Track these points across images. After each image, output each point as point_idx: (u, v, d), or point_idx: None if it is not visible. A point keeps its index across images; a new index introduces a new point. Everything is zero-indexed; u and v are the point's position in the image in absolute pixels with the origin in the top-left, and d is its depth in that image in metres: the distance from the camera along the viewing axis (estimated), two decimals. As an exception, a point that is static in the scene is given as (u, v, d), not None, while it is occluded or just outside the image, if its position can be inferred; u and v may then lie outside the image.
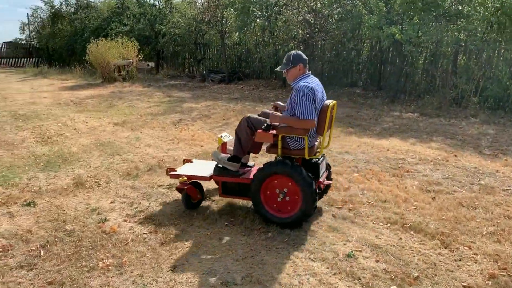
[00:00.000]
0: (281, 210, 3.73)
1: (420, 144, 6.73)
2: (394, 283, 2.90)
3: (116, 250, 3.35)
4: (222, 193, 4.06)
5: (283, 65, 3.78)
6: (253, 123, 3.88)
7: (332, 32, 13.01)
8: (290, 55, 3.76)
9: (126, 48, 15.21)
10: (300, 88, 3.55)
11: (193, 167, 4.40)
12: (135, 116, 8.85)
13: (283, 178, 3.65)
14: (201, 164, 4.51)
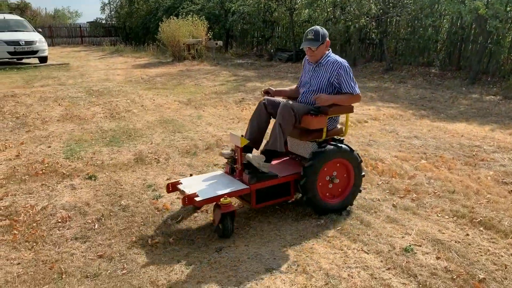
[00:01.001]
0: (335, 195, 3.54)
1: (500, 130, 6.10)
2: (456, 284, 2.61)
3: (166, 228, 3.37)
4: (256, 203, 3.42)
5: (313, 42, 3.43)
6: (294, 110, 3.37)
7: (408, 7, 12.17)
8: (317, 31, 3.45)
9: (196, 27, 15.38)
10: (345, 64, 3.50)
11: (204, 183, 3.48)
12: (200, 95, 8.94)
13: (333, 162, 3.46)
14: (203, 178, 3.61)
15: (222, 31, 19.20)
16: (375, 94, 9.06)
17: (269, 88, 3.80)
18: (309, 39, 3.46)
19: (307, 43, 3.46)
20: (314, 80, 3.56)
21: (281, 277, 2.71)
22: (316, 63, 3.54)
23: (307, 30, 3.50)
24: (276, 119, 3.35)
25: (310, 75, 3.60)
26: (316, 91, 3.53)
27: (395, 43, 13.35)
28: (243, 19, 18.03)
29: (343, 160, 3.49)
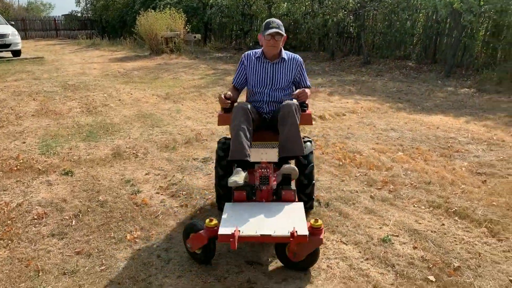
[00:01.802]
0: None
1: (474, 122, 6.25)
2: (432, 273, 2.68)
3: (145, 222, 3.34)
4: None
5: (280, 32, 3.14)
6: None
7: (385, 1, 12.29)
8: (280, 23, 3.20)
9: (174, 20, 15.20)
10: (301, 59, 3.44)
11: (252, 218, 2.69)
12: (179, 89, 8.86)
13: None
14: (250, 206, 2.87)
15: (200, 24, 19.04)
16: (353, 87, 9.15)
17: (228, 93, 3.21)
18: (276, 27, 3.13)
19: (275, 30, 3.11)
20: (279, 76, 3.29)
21: (262, 270, 2.72)
22: (277, 59, 3.29)
23: (267, 20, 3.20)
24: (290, 121, 2.95)
25: (271, 72, 3.27)
26: (285, 88, 3.32)
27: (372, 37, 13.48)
28: (222, 12, 17.91)
29: None
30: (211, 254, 2.74)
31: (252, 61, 3.32)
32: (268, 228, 2.52)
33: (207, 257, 2.74)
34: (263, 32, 3.18)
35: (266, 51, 3.27)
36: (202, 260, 2.76)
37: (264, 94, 3.30)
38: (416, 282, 2.59)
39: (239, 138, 2.90)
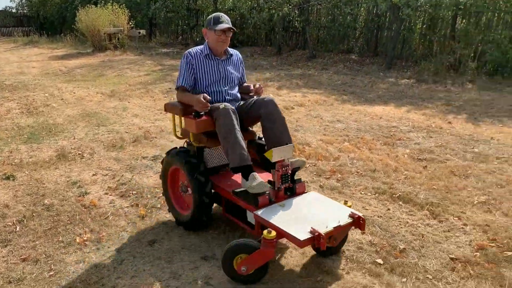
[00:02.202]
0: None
1: (414, 111, 6.57)
2: (380, 256, 2.81)
3: (95, 224, 3.25)
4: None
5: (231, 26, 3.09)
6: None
7: (328, -4, 12.60)
8: (228, 18, 3.12)
9: (117, 16, 14.76)
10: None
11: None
12: (124, 86, 8.63)
13: None
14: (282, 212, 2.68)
15: (144, 19, 18.60)
16: (300, 81, 9.31)
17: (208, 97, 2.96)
18: (227, 22, 3.04)
19: (228, 25, 3.01)
20: (231, 73, 3.19)
21: (217, 264, 2.74)
22: (224, 55, 3.17)
23: (215, 15, 3.06)
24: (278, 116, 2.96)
25: (223, 70, 3.14)
26: (236, 85, 3.26)
27: (317, 31, 13.77)
28: (167, 7, 17.59)
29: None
30: (266, 271, 2.54)
31: (200, 60, 3.07)
32: (330, 221, 2.49)
33: (260, 274, 2.52)
34: (211, 26, 3.02)
35: (215, 47, 3.09)
36: (252, 280, 2.52)
37: (223, 93, 3.13)
38: (365, 266, 2.71)
39: (240, 143, 2.76)
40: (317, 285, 2.53)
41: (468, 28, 9.80)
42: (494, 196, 3.64)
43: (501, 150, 4.75)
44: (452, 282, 2.57)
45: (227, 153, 2.80)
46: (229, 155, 2.78)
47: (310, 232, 2.37)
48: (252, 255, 2.40)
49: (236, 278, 2.51)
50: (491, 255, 2.82)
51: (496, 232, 3.08)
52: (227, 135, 2.77)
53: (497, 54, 8.91)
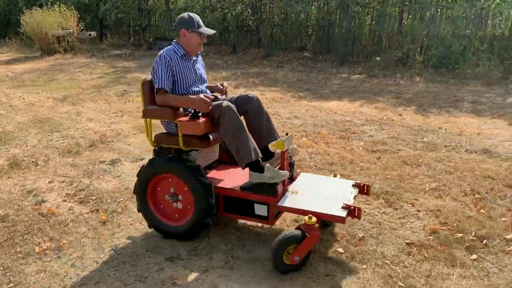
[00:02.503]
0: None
1: (367, 105, 6.81)
2: (340, 245, 2.92)
3: (54, 232, 3.17)
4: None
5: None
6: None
7: (279, -6, 12.74)
8: None
9: (65, 18, 14.25)
10: None
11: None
12: (77, 90, 8.39)
13: None
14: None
15: (94, 21, 18.06)
16: (257, 79, 9.40)
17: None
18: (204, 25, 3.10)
19: (211, 30, 3.12)
20: (203, 72, 3.25)
21: (183, 264, 2.76)
22: (195, 56, 3.19)
23: (193, 16, 3.06)
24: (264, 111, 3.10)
25: (197, 69, 3.18)
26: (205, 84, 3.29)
27: (270, 30, 13.90)
28: (117, 8, 17.17)
29: None
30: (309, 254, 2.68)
31: (178, 60, 3.02)
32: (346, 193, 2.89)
33: (305, 260, 2.66)
34: (195, 29, 3.00)
35: (193, 49, 3.08)
36: (298, 267, 2.63)
37: (203, 92, 3.12)
38: (326, 255, 2.81)
39: (249, 137, 2.85)
40: (283, 277, 2.61)
41: (414, 23, 10.23)
42: (444, 183, 3.85)
43: (449, 139, 5.03)
44: (408, 265, 2.72)
45: (237, 150, 2.81)
46: (240, 151, 2.80)
47: (344, 208, 2.67)
48: (302, 244, 2.55)
49: (288, 270, 2.62)
50: (443, 238, 3.00)
51: (447, 216, 3.28)
52: (236, 132, 2.80)
53: (442, 48, 9.36)
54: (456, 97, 7.12)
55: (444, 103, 6.79)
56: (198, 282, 2.57)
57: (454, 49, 9.18)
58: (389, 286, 2.52)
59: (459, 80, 8.45)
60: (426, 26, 10.04)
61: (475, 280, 2.57)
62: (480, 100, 6.90)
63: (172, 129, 3.07)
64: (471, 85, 8.04)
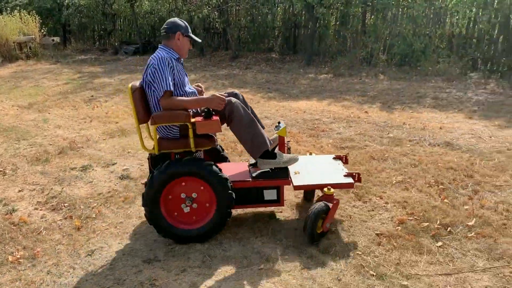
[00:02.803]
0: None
1: (334, 103, 6.98)
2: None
3: (27, 241, 3.14)
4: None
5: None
6: None
7: (245, -4, 12.85)
8: None
9: (26, 23, 13.90)
10: None
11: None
12: (42, 96, 8.22)
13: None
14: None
15: (57, 26, 17.68)
16: (226, 81, 9.45)
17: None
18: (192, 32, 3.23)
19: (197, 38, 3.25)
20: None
21: (160, 265, 2.79)
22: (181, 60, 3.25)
23: (184, 22, 3.15)
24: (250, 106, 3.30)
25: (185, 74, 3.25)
26: None
27: (238, 32, 13.98)
28: (80, 13, 16.86)
29: None
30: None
31: (175, 63, 3.06)
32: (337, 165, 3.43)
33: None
34: (189, 34, 3.10)
35: (182, 53, 3.13)
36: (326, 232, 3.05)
37: (194, 93, 3.22)
38: (301, 249, 2.91)
39: (261, 129, 3.07)
40: (259, 273, 2.68)
41: (377, 23, 10.53)
42: (410, 175, 4.03)
43: (413, 134, 5.24)
44: (379, 255, 2.84)
45: (252, 141, 3.01)
46: (255, 142, 3.01)
47: (347, 175, 3.19)
48: (330, 212, 2.94)
49: (321, 237, 3.00)
50: (410, 228, 3.15)
51: (413, 207, 3.44)
52: (250, 125, 3.01)
53: (404, 46, 9.68)
54: (418, 93, 7.40)
55: (407, 100, 7.04)
56: (176, 282, 2.61)
57: (416, 47, 9.51)
58: (362, 275, 2.64)
59: (421, 77, 8.78)
60: (389, 25, 10.35)
61: (441, 266, 2.71)
62: (441, 95, 7.20)
63: (173, 133, 3.05)
64: (433, 81, 8.36)
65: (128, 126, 5.96)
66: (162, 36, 3.12)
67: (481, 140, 4.96)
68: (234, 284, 2.57)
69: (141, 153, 4.88)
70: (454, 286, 2.52)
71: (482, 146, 4.73)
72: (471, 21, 9.42)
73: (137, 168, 4.45)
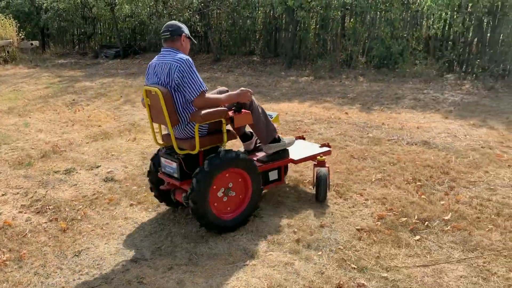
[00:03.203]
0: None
1: (315, 105, 7.11)
2: (297, 236, 3.11)
3: (12, 244, 3.14)
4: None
5: None
6: None
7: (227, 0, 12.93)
8: None
9: (4, 27, 13.72)
10: None
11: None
12: (22, 101, 8.14)
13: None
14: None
15: (35, 30, 17.46)
16: (208, 84, 9.45)
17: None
18: None
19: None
20: None
21: (147, 264, 2.84)
22: None
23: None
24: None
25: None
26: None
27: (219, 35, 14.05)
28: (59, 16, 16.69)
29: None
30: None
31: None
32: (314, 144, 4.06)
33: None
34: (188, 35, 3.21)
35: (186, 54, 3.19)
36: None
37: None
38: (285, 246, 2.99)
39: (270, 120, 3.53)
40: (245, 269, 2.75)
41: (356, 26, 10.74)
42: (388, 173, 4.16)
43: (391, 133, 5.39)
44: (360, 249, 2.95)
45: (266, 129, 3.42)
46: (268, 129, 3.45)
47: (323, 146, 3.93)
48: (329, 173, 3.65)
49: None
50: (389, 223, 3.27)
51: (392, 203, 3.56)
52: (264, 115, 3.46)
53: (382, 48, 9.90)
54: (397, 95, 7.59)
55: (386, 101, 7.22)
56: (164, 280, 2.66)
57: (394, 49, 9.73)
58: (343, 268, 2.74)
59: (399, 78, 8.99)
60: (367, 29, 10.57)
61: (419, 258, 2.83)
62: (419, 96, 7.40)
63: (203, 130, 3.14)
64: (410, 83, 8.58)
65: (111, 129, 5.97)
66: (166, 38, 3.13)
67: (457, 138, 5.14)
68: (220, 280, 2.64)
69: (125, 156, 4.91)
70: (431, 276, 2.64)
71: (458, 145, 4.91)
72: (447, 24, 9.71)
73: (121, 171, 4.48)
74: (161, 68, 3.06)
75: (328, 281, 2.62)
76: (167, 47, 3.14)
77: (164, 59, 3.08)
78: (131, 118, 6.61)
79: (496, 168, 4.25)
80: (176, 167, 3.18)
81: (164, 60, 3.06)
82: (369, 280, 2.62)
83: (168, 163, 3.24)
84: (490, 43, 9.06)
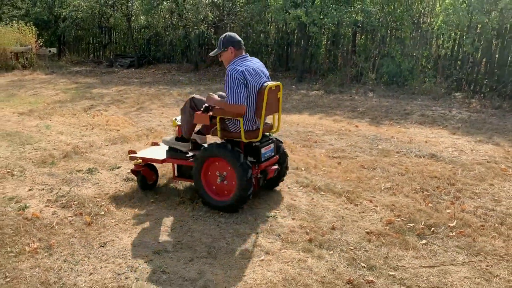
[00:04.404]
0: (219, 194, 3.72)
1: (326, 118, 7.32)
2: (309, 236, 3.29)
3: (41, 234, 3.35)
4: (176, 176, 4.15)
5: (216, 50, 3.72)
6: (196, 104, 3.86)
7: (240, 14, 13.27)
8: (220, 38, 3.67)
9: (24, 34, 14.13)
10: (229, 73, 3.51)
11: (153, 150, 4.34)
12: (42, 105, 8.42)
13: (223, 162, 3.60)
14: (162, 148, 4.30)
15: (53, 37, 17.92)
16: (220, 94, 9.74)
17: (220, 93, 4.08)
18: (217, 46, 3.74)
19: (214, 51, 3.78)
20: None
21: (169, 256, 3.03)
22: None
23: (235, 35, 3.71)
24: None
25: None
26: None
27: (232, 48, 14.38)
28: (77, 25, 17.15)
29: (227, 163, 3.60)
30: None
31: None
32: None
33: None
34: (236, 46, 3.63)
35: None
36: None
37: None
38: (298, 245, 3.17)
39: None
40: (261, 263, 2.94)
41: (366, 43, 11.00)
42: (397, 183, 4.34)
43: (400, 146, 5.57)
44: (369, 250, 3.12)
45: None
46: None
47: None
48: None
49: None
50: (397, 227, 3.44)
51: (400, 210, 3.73)
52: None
53: (392, 66, 10.13)
54: (406, 110, 7.79)
55: (395, 116, 7.42)
56: (185, 270, 2.85)
57: (404, 67, 9.96)
58: (354, 267, 2.91)
59: (408, 95, 9.20)
60: (378, 46, 10.83)
61: (425, 259, 3.00)
62: (427, 113, 7.59)
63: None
64: (419, 99, 8.78)
65: (129, 133, 6.21)
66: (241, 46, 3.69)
67: (463, 153, 5.32)
68: (238, 272, 2.83)
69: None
70: (436, 276, 2.81)
71: (464, 158, 5.09)
72: (456, 44, 9.93)
73: (140, 172, 4.69)
74: (263, 67, 3.76)
75: (339, 277, 2.79)
76: (244, 53, 3.70)
77: (255, 62, 3.72)
78: (148, 124, 6.85)
79: (501, 181, 4.41)
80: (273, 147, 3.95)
81: (258, 62, 3.75)
82: (378, 277, 2.79)
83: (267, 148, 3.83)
84: (498, 63, 9.26)
